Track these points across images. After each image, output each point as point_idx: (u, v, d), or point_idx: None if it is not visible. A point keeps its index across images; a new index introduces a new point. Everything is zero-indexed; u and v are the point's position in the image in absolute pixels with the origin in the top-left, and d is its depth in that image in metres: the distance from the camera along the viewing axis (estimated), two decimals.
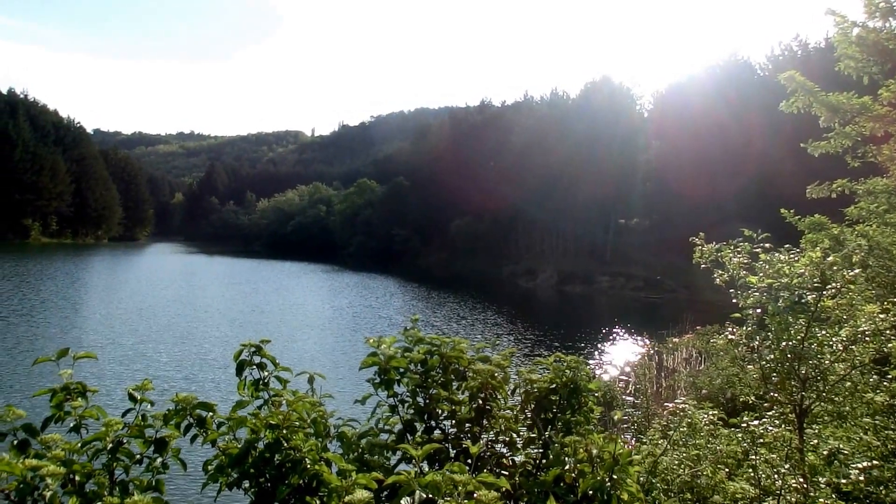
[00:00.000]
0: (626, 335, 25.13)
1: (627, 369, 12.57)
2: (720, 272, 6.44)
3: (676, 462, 6.22)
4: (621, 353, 18.84)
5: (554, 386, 3.92)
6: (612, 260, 61.65)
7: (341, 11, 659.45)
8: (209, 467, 3.20)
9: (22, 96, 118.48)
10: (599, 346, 25.36)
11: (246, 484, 3.11)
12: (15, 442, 3.00)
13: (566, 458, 3.29)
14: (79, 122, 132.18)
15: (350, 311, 37.85)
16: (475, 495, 2.60)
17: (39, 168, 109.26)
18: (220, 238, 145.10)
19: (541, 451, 3.79)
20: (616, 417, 4.72)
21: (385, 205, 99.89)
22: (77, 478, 2.88)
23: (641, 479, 5.29)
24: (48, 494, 2.67)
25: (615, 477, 3.13)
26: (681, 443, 6.57)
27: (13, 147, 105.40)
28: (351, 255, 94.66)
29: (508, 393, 4.04)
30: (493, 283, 62.26)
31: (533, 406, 4.00)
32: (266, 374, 3.61)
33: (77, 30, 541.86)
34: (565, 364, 3.94)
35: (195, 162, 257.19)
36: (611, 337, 27.43)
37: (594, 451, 3.22)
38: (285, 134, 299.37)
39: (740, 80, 56.32)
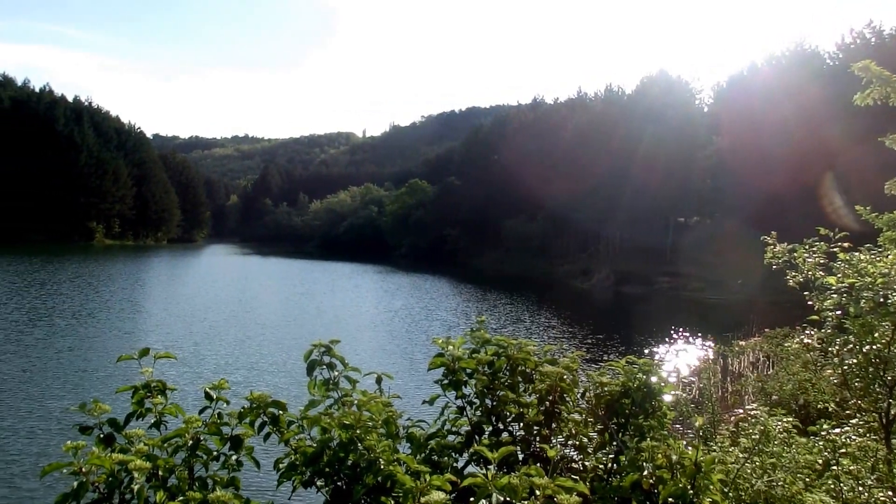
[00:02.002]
0: (688, 338, 24.39)
1: (691, 373, 12.15)
2: (793, 273, 6.17)
3: (749, 470, 5.96)
4: (683, 357, 18.27)
5: (626, 389, 3.82)
6: (672, 260, 59.97)
7: (392, 13, 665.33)
8: (280, 465, 3.24)
9: (86, 103, 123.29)
10: (660, 348, 24.72)
11: (319, 483, 3.14)
12: (101, 436, 3.12)
13: (644, 464, 3.19)
14: (139, 128, 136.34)
15: (404, 312, 38.01)
16: (555, 499, 2.55)
17: (103, 172, 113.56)
18: (274, 239, 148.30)
19: (612, 455, 3.70)
20: (697, 424, 4.53)
21: (436, 205, 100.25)
22: (160, 472, 2.97)
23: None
24: (136, 488, 2.76)
25: (697, 484, 3.03)
26: (753, 450, 6.31)
27: (78, 152, 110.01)
28: (403, 256, 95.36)
29: (578, 396, 3.96)
30: (547, 283, 61.57)
31: (603, 410, 3.91)
32: (336, 374, 3.64)
33: (135, 42, 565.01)
34: (637, 367, 3.83)
35: (249, 164, 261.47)
36: (672, 339, 26.69)
37: (674, 457, 3.12)
38: (337, 135, 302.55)
39: (807, 71, 53.81)
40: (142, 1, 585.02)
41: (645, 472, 3.14)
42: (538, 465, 3.40)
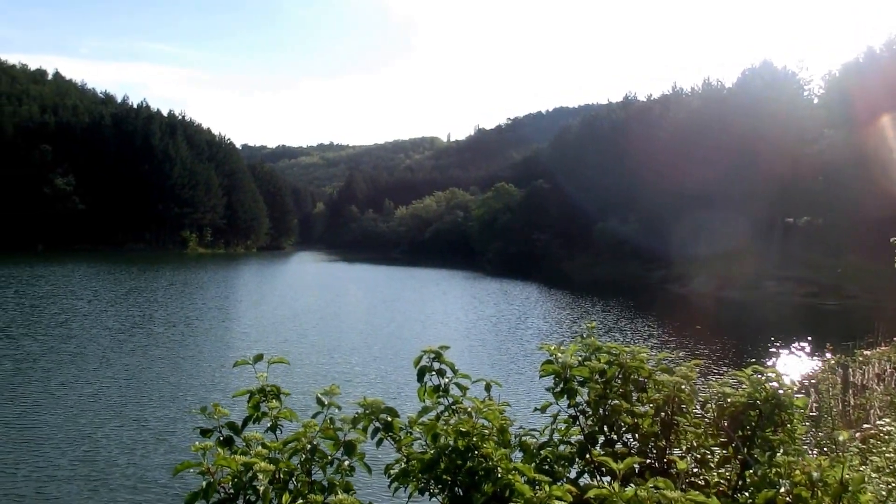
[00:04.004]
0: (801, 346, 22.73)
1: (807, 385, 11.27)
2: None
3: (885, 490, 5.48)
4: (796, 367, 17.04)
5: (752, 400, 3.60)
6: (779, 263, 56.42)
7: (476, 15, 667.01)
8: (391, 471, 3.26)
9: (180, 117, 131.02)
10: (769, 358, 23.28)
11: (435, 490, 3.13)
12: (220, 438, 3.25)
13: (780, 481, 2.99)
14: (229, 139, 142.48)
15: (496, 319, 37.67)
16: None
17: (195, 183, 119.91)
18: (360, 245, 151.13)
19: (738, 470, 3.50)
20: (841, 438, 4.18)
21: (524, 209, 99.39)
22: (281, 475, 3.04)
23: None
24: (261, 489, 2.84)
25: None
26: (887, 469, 5.80)
27: (173, 165, 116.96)
28: (490, 261, 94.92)
29: (697, 407, 3.79)
30: (641, 288, 59.49)
31: (727, 422, 3.70)
32: (446, 380, 3.64)
33: (223, 56, 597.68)
34: (764, 376, 3.61)
35: (335, 172, 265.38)
36: (782, 348, 25.05)
37: (815, 475, 2.89)
38: (421, 140, 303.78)
39: None
40: (228, 17, 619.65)
41: (781, 490, 2.93)
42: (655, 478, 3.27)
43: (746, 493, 3.36)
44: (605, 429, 3.72)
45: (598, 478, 3.46)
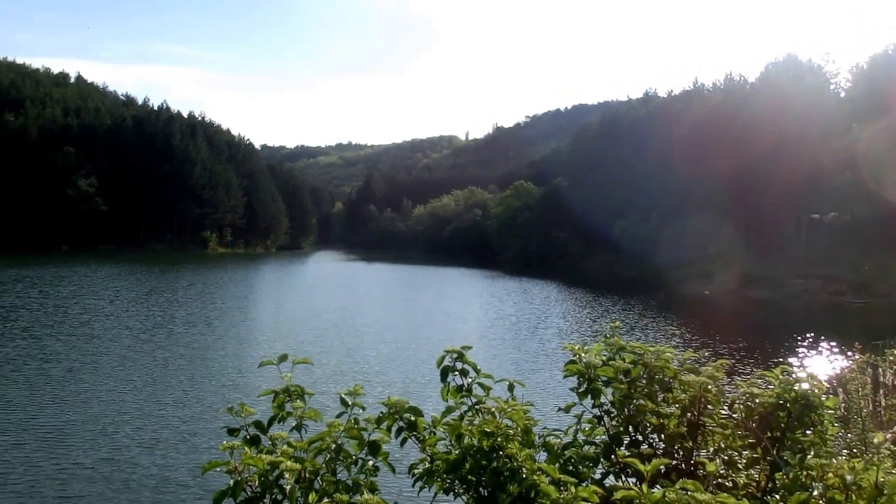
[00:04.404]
0: (828, 345, 22.29)
1: (834, 385, 11.02)
2: None
3: None
4: (823, 366, 16.71)
5: (782, 401, 3.54)
6: (806, 260, 55.44)
7: (494, 13, 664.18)
8: (415, 471, 3.26)
9: (200, 118, 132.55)
10: (794, 357, 22.89)
11: (458, 489, 3.13)
12: (247, 437, 3.27)
13: (812, 484, 2.94)
14: (248, 139, 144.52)
15: (515, 318, 37.55)
16: None
17: (215, 184, 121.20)
18: (379, 245, 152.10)
19: (766, 472, 3.44)
20: (876, 440, 4.07)
21: (543, 207, 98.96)
22: (306, 474, 3.06)
23: None
24: (287, 488, 2.86)
25: None
26: None
27: (193, 165, 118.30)
28: (508, 260, 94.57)
29: (724, 407, 3.74)
30: (663, 287, 58.83)
31: (755, 423, 3.64)
32: (469, 380, 3.63)
33: (243, 57, 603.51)
34: (794, 377, 3.55)
35: (353, 171, 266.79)
36: (808, 347, 24.65)
37: (848, 478, 2.83)
38: (439, 139, 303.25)
39: None
40: (247, 19, 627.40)
41: (814, 493, 2.88)
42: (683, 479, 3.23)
43: (777, 496, 3.30)
44: (631, 429, 3.69)
45: (624, 479, 3.43)
